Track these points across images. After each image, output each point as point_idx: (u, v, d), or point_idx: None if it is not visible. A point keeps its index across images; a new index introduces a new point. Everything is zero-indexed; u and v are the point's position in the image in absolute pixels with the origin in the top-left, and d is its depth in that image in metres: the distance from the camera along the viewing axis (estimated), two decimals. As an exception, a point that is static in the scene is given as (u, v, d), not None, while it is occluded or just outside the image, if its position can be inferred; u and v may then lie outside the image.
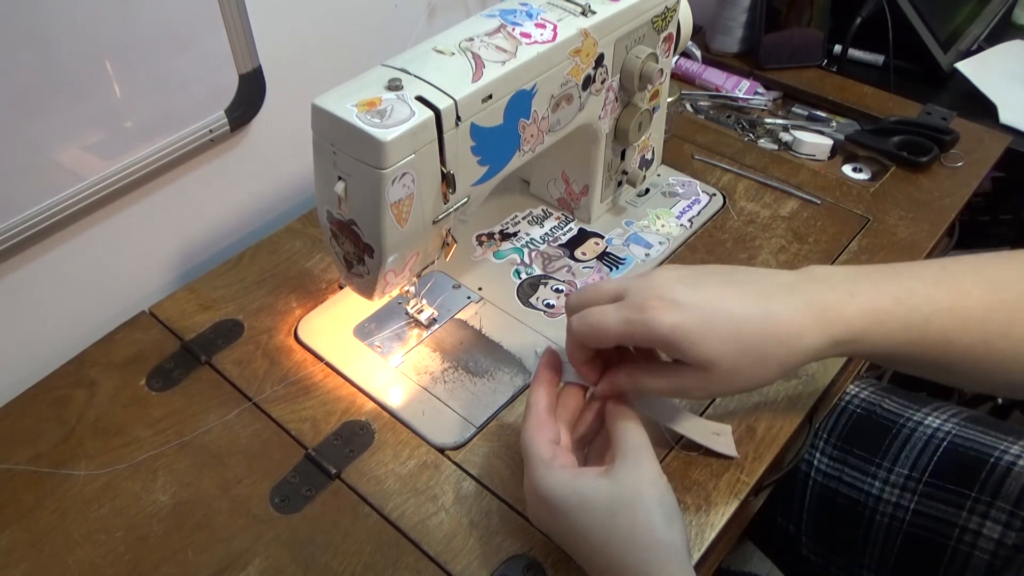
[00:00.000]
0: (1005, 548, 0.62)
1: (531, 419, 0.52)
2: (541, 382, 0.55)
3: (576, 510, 0.48)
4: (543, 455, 0.50)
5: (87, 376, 0.66)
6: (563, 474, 0.49)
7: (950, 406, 0.71)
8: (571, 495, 0.48)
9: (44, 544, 0.55)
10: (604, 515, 0.47)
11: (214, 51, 0.69)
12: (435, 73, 0.55)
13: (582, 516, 0.48)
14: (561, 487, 0.49)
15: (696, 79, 1.02)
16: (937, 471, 0.65)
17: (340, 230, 0.58)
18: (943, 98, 0.97)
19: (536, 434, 0.51)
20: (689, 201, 0.82)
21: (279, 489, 0.58)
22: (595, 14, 0.63)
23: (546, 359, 0.56)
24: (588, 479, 0.49)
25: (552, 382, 0.55)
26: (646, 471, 0.49)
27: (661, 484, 0.49)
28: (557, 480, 0.49)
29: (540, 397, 0.54)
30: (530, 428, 0.52)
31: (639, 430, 0.51)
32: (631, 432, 0.51)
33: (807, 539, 0.72)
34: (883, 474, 0.67)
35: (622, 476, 0.48)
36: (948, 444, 0.66)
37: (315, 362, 0.67)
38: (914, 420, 0.68)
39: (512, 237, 0.78)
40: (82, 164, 0.64)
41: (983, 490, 0.63)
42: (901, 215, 0.80)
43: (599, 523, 0.47)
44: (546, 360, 0.56)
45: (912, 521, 0.65)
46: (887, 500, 0.66)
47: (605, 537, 0.47)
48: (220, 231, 0.81)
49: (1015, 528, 0.62)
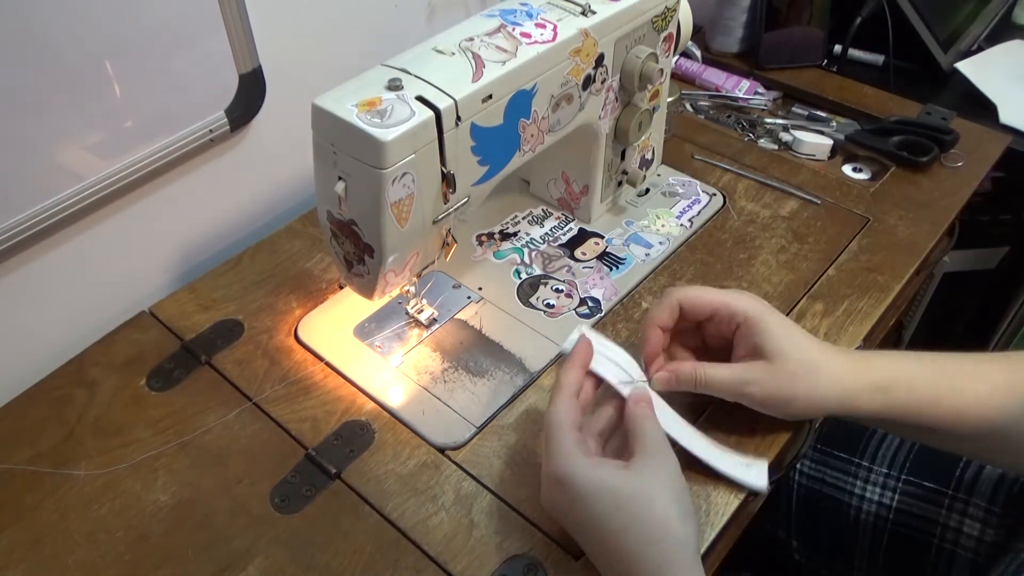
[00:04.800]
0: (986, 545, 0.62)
1: (561, 400, 0.52)
2: (576, 364, 0.55)
3: (595, 497, 0.48)
4: (569, 438, 0.50)
5: (87, 376, 0.66)
6: (585, 461, 0.50)
7: None
8: (592, 481, 0.49)
9: (44, 544, 0.55)
10: (623, 505, 0.48)
11: (214, 51, 0.69)
12: (435, 73, 0.55)
13: (600, 504, 0.48)
14: (582, 473, 0.49)
15: (696, 79, 1.02)
16: (914, 469, 0.66)
17: (340, 230, 0.58)
18: (943, 98, 0.97)
19: (565, 416, 0.51)
20: (689, 201, 0.82)
21: (279, 489, 0.58)
22: (595, 14, 0.63)
23: (584, 343, 0.56)
24: (610, 469, 0.50)
25: (587, 367, 0.55)
26: (667, 468, 0.50)
27: (680, 483, 0.50)
28: (578, 466, 0.49)
29: (573, 380, 0.54)
30: (560, 410, 0.52)
31: (660, 430, 0.52)
32: (652, 431, 0.52)
33: (797, 543, 0.72)
34: (863, 473, 0.68)
35: (643, 470, 0.49)
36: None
37: (315, 362, 0.67)
38: None
39: (512, 237, 0.78)
40: (82, 164, 0.64)
41: (959, 488, 0.64)
42: (901, 215, 0.80)
43: (617, 513, 0.48)
44: (584, 344, 0.56)
45: (896, 520, 0.66)
46: (870, 499, 0.67)
47: (622, 526, 0.48)
48: (220, 231, 0.81)
49: (992, 525, 0.62)
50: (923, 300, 1.11)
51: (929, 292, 1.09)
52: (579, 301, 0.72)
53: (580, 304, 0.71)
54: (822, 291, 0.73)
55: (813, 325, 0.69)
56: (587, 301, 0.72)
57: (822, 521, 0.70)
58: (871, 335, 0.71)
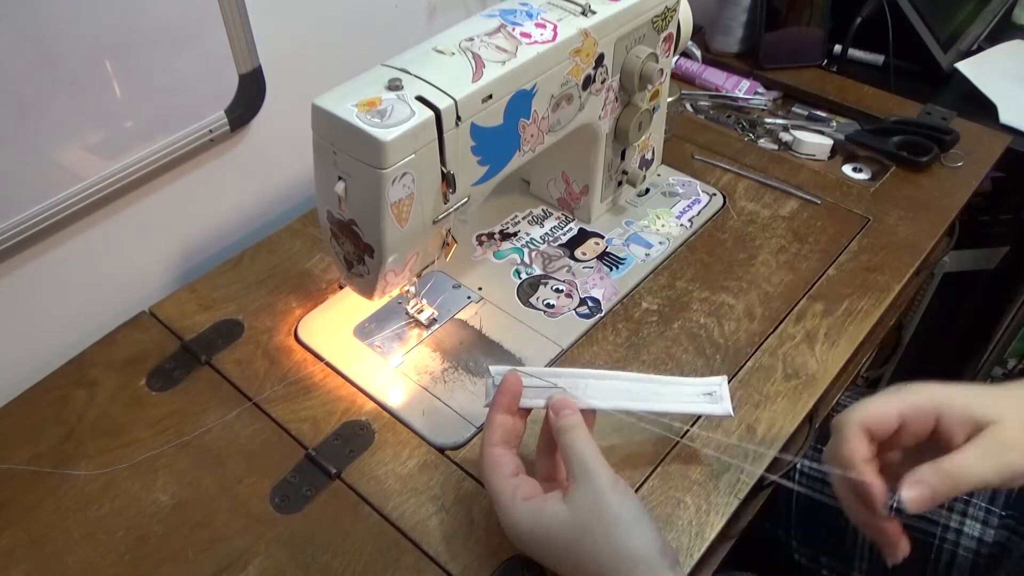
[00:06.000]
0: (986, 546, 0.62)
1: (486, 459, 0.52)
2: (499, 408, 0.54)
3: (544, 539, 0.49)
4: (504, 491, 0.51)
5: (87, 376, 0.66)
6: (526, 507, 0.50)
7: None
8: (536, 527, 0.49)
9: (44, 544, 0.55)
10: (570, 542, 0.48)
11: (214, 51, 0.69)
12: (435, 73, 0.55)
13: (551, 544, 0.49)
14: (526, 521, 0.50)
15: (696, 79, 1.02)
16: None
17: (340, 230, 0.58)
18: (943, 98, 0.97)
19: (494, 472, 0.52)
20: (689, 201, 0.82)
21: (279, 489, 0.58)
22: (595, 14, 0.63)
23: (505, 386, 0.54)
24: (550, 507, 0.49)
25: (508, 410, 0.54)
26: (600, 487, 0.48)
27: (616, 497, 0.48)
28: (521, 515, 0.50)
29: (492, 432, 0.53)
30: (487, 469, 0.52)
31: (586, 444, 0.50)
32: (578, 449, 0.50)
33: (797, 543, 0.72)
34: None
35: (578, 499, 0.49)
36: None
37: (315, 362, 0.67)
38: None
39: (512, 237, 0.78)
40: (82, 164, 0.64)
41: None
42: (901, 215, 0.80)
43: (566, 550, 0.48)
44: (504, 387, 0.54)
45: None
46: None
47: (575, 562, 0.48)
48: (220, 231, 0.81)
49: (992, 526, 0.62)
50: (923, 300, 1.11)
51: (929, 292, 1.09)
52: (579, 301, 0.72)
53: (580, 304, 0.71)
54: (822, 291, 0.73)
55: (813, 325, 0.69)
56: (587, 301, 0.72)
57: (822, 521, 0.70)
58: (871, 335, 0.71)
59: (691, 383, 0.59)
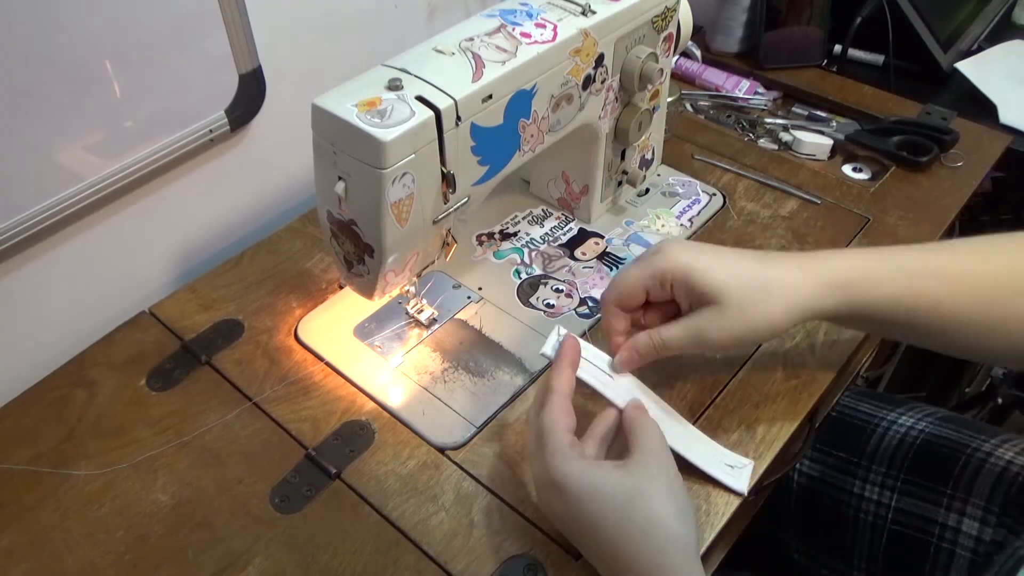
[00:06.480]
0: (984, 544, 0.62)
1: (553, 404, 0.52)
2: (565, 366, 0.54)
3: (590, 499, 0.48)
4: (563, 441, 0.50)
5: (87, 376, 0.66)
6: (580, 463, 0.49)
7: (925, 407, 0.72)
8: (587, 484, 0.48)
9: (44, 544, 0.55)
10: (619, 505, 0.47)
11: (214, 51, 0.69)
12: (435, 73, 0.55)
13: (596, 505, 0.48)
14: (577, 475, 0.49)
15: (696, 79, 1.02)
16: (913, 468, 0.66)
17: (340, 230, 0.58)
18: (943, 98, 0.97)
19: (558, 419, 0.51)
20: (689, 201, 0.82)
21: (279, 489, 0.58)
22: (595, 14, 0.63)
23: (570, 343, 0.56)
24: (605, 470, 0.49)
25: (575, 368, 0.55)
26: (662, 467, 0.50)
27: (676, 482, 0.49)
28: (573, 468, 0.49)
29: (563, 383, 0.53)
30: (552, 413, 0.51)
31: (656, 430, 0.52)
32: (648, 431, 0.52)
33: (796, 543, 0.72)
34: (863, 472, 0.68)
35: (638, 470, 0.49)
36: (922, 441, 0.67)
37: (315, 362, 0.67)
38: (888, 419, 0.69)
39: (512, 237, 0.78)
40: (82, 164, 0.64)
41: (957, 486, 0.64)
42: (901, 215, 0.80)
43: (613, 513, 0.47)
44: (570, 344, 0.56)
45: (894, 519, 0.66)
46: (869, 498, 0.67)
47: (617, 527, 0.47)
48: (220, 231, 0.81)
49: (990, 524, 0.62)
50: (923, 300, 1.10)
51: (929, 292, 1.09)
52: (579, 301, 0.72)
53: (580, 304, 0.71)
54: (822, 291, 0.72)
55: (813, 325, 0.69)
56: (587, 301, 0.72)
57: (822, 521, 0.70)
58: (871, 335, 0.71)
59: (721, 452, 0.59)
